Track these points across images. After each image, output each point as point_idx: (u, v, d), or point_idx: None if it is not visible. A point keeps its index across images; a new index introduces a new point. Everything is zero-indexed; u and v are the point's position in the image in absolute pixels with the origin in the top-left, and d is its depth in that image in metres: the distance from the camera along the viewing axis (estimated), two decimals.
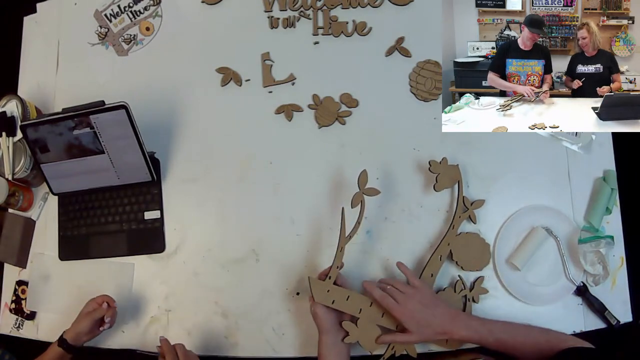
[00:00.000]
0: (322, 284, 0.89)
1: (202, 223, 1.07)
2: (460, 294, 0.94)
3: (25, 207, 1.13)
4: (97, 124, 0.98)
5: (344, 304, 0.89)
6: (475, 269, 0.97)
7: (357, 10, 1.12)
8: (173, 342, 0.88)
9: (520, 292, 0.95)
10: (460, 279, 0.95)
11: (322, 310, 0.89)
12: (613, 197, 0.99)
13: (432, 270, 0.94)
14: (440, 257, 0.95)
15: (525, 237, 0.97)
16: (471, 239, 0.97)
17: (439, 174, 0.97)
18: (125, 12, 1.20)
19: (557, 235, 0.97)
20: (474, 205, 0.97)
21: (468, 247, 0.96)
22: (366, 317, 0.89)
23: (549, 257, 0.97)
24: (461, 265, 0.96)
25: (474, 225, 0.99)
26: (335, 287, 0.90)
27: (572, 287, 0.95)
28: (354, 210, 0.91)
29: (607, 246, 0.94)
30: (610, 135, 1.03)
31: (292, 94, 1.10)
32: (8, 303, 1.11)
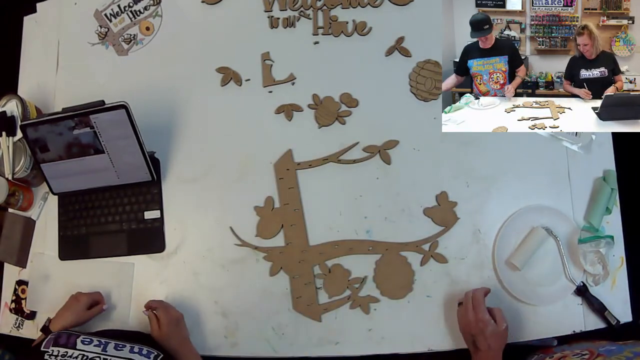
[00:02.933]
0: None
1: (202, 223, 1.07)
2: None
3: (25, 207, 1.13)
4: (97, 124, 0.98)
5: None
6: (395, 296, 0.98)
7: (357, 10, 1.12)
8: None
9: (520, 292, 0.95)
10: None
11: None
12: (613, 197, 0.99)
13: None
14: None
15: (525, 237, 0.97)
16: (396, 264, 0.98)
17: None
18: (125, 12, 1.20)
19: (557, 235, 0.97)
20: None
21: (391, 272, 0.98)
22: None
23: (549, 256, 0.97)
24: (380, 290, 0.98)
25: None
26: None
27: (572, 287, 0.95)
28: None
29: (607, 246, 0.94)
30: (610, 135, 1.03)
31: (292, 94, 1.10)
32: (8, 303, 1.11)
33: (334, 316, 0.99)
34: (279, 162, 1.06)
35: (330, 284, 1.00)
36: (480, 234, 0.99)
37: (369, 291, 0.99)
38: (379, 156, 1.04)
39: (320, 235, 1.02)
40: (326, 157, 1.05)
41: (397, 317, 0.97)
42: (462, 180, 1.02)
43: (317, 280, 1.00)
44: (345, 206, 1.03)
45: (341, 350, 0.98)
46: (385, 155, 1.04)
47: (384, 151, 1.04)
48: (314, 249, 1.02)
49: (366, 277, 1.00)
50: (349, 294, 0.99)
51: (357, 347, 0.98)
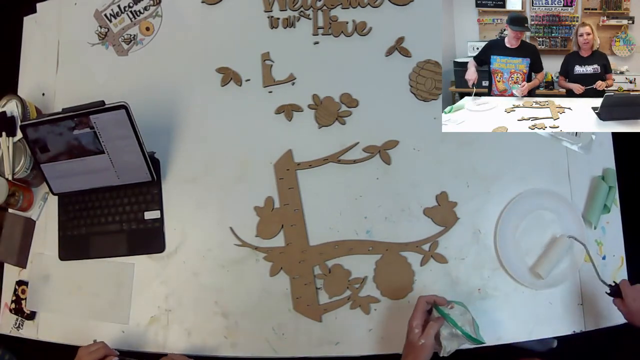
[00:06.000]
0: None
1: (202, 223, 1.07)
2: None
3: (25, 207, 1.13)
4: (97, 124, 0.98)
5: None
6: (395, 297, 0.98)
7: (357, 10, 1.12)
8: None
9: (520, 276, 0.96)
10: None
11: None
12: (612, 195, 0.99)
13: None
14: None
15: (549, 246, 0.97)
16: (396, 264, 0.97)
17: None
18: (125, 12, 1.20)
19: (582, 242, 0.94)
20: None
21: (391, 273, 0.98)
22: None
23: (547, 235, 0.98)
24: (380, 290, 0.98)
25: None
26: None
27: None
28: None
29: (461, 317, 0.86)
30: (610, 135, 1.03)
31: (292, 94, 1.10)
32: (8, 303, 1.11)
33: (334, 316, 0.99)
34: (279, 162, 1.06)
35: (331, 284, 1.00)
36: (480, 234, 0.99)
37: (369, 291, 0.99)
38: (379, 156, 1.04)
39: (320, 235, 1.02)
40: (326, 157, 1.05)
41: (397, 317, 0.97)
42: (462, 180, 1.02)
43: (317, 281, 1.01)
44: (345, 206, 1.03)
45: (341, 350, 0.98)
46: (385, 155, 1.04)
47: (384, 151, 1.04)
48: (314, 249, 1.02)
49: (366, 277, 1.00)
50: (349, 294, 0.99)
51: (357, 347, 0.98)
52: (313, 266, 1.01)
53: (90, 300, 1.06)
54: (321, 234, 1.02)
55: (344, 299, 0.99)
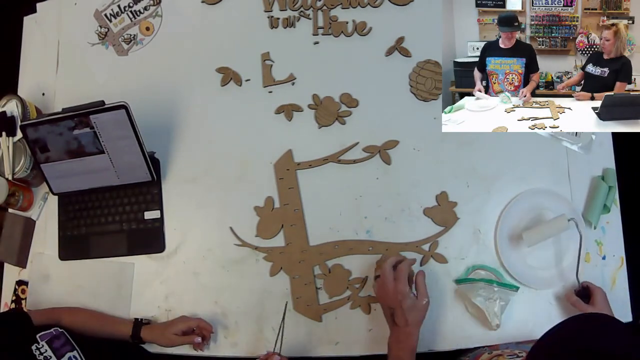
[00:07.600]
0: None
1: (202, 223, 1.07)
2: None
3: (25, 207, 1.13)
4: (97, 124, 0.98)
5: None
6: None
7: (357, 10, 1.12)
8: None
9: (519, 274, 0.96)
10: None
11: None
12: (611, 194, 0.99)
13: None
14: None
15: (547, 221, 0.96)
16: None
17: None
18: (125, 12, 1.20)
19: (581, 232, 0.93)
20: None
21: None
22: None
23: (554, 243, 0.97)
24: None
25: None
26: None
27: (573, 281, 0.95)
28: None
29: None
30: (610, 135, 1.04)
31: (292, 94, 1.10)
32: (8, 303, 1.11)
33: (334, 316, 0.99)
34: (279, 162, 1.06)
35: (331, 284, 1.00)
36: (480, 234, 0.99)
37: (369, 291, 0.99)
38: (379, 156, 1.04)
39: (320, 235, 1.02)
40: (326, 157, 1.05)
41: None
42: (462, 180, 1.02)
43: (317, 281, 1.01)
44: (345, 206, 1.03)
45: (341, 350, 0.98)
46: (385, 155, 1.04)
47: (384, 151, 1.04)
48: (314, 249, 1.02)
49: (366, 277, 1.00)
50: (349, 294, 1.00)
51: (357, 347, 0.98)
52: (313, 266, 1.01)
53: (90, 300, 1.06)
54: (321, 234, 1.02)
55: (344, 299, 0.99)
